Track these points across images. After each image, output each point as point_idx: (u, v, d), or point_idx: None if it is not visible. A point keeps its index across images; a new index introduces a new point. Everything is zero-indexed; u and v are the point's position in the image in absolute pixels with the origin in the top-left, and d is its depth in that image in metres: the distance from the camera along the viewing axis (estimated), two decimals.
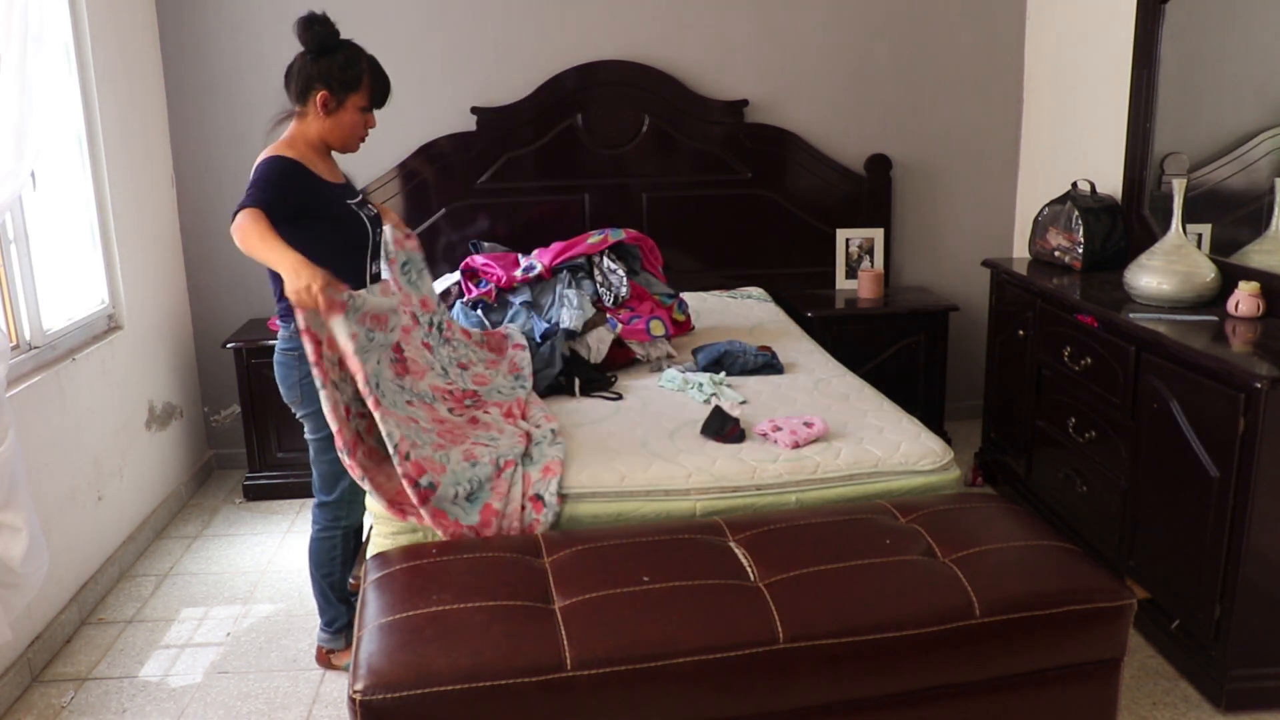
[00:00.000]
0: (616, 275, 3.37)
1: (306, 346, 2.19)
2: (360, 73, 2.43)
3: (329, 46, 2.42)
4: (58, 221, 3.16)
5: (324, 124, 2.44)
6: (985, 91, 4.28)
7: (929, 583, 1.92)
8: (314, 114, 2.43)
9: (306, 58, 2.42)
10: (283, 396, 2.56)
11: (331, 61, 2.41)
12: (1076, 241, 3.40)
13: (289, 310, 2.38)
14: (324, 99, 2.41)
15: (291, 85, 2.45)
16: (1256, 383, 2.25)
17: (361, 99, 2.45)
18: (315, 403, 2.43)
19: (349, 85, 2.42)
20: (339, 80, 2.41)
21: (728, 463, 2.38)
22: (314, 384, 2.32)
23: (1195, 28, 3.18)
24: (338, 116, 2.44)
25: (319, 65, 2.40)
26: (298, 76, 2.43)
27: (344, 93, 2.42)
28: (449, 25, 3.98)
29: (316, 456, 2.56)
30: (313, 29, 2.39)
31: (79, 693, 2.65)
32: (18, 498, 2.37)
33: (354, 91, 2.43)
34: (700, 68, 4.12)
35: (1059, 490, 3.22)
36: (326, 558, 2.62)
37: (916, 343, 4.04)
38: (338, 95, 2.42)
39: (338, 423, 2.21)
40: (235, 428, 4.05)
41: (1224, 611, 2.41)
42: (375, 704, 1.66)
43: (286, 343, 2.48)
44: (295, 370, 2.46)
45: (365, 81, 2.45)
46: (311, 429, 2.53)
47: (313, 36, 2.39)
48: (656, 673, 1.74)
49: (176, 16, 3.85)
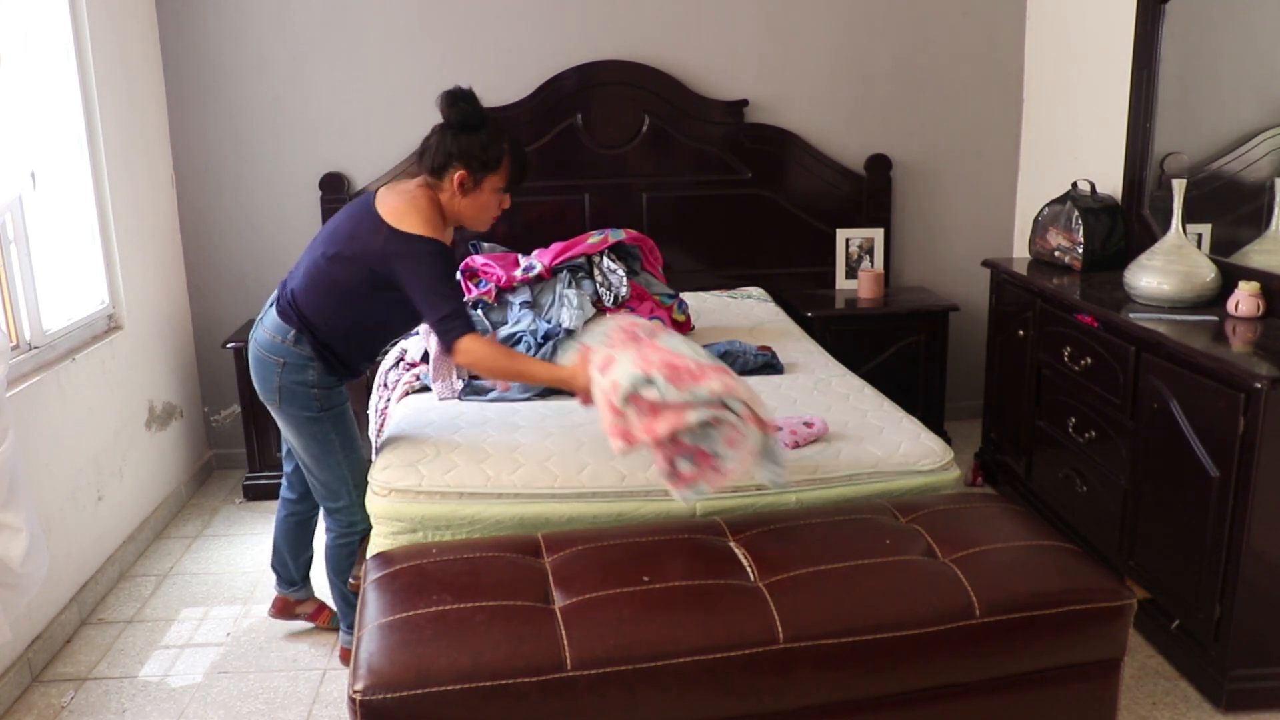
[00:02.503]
0: (616, 275, 3.37)
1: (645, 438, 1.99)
2: (501, 154, 2.34)
3: (472, 125, 2.33)
4: (58, 221, 3.16)
5: (459, 202, 2.36)
6: (985, 91, 4.28)
7: (929, 583, 1.92)
8: (449, 190, 2.36)
9: (447, 132, 2.34)
10: (259, 394, 2.52)
11: (473, 140, 2.32)
12: (1076, 241, 3.40)
13: (304, 329, 2.40)
14: (461, 179, 2.33)
15: (427, 158, 2.36)
16: (1256, 383, 2.25)
17: (500, 180, 2.37)
18: (295, 406, 2.44)
19: (488, 166, 2.34)
20: (479, 160, 2.32)
21: None
22: (296, 391, 2.37)
23: (1195, 28, 3.18)
24: (474, 197, 2.36)
25: (459, 143, 2.32)
26: (435, 151, 2.34)
27: (483, 173, 2.34)
28: (449, 25, 3.98)
29: (313, 466, 2.52)
30: (457, 105, 2.32)
31: (79, 693, 2.65)
32: (18, 498, 2.37)
33: (493, 172, 2.35)
34: (700, 68, 4.12)
35: (1059, 490, 3.22)
36: (346, 563, 2.60)
37: (916, 343, 4.03)
38: (476, 176, 2.34)
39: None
40: (235, 428, 4.05)
41: (1224, 611, 2.41)
42: (375, 704, 1.66)
43: (274, 349, 2.43)
44: (276, 375, 2.44)
45: (505, 163, 2.36)
46: (300, 439, 2.50)
47: (457, 113, 2.32)
48: (656, 673, 1.74)
49: (176, 16, 3.85)
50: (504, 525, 2.28)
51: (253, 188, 4.02)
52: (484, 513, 2.29)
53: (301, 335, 2.40)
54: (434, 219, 2.33)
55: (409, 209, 2.31)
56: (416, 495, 2.30)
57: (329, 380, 2.46)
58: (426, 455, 2.42)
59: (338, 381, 2.50)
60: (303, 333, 2.40)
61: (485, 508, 2.29)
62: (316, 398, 2.44)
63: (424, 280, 2.27)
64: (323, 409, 2.46)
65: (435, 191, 2.38)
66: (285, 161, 4.01)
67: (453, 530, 2.29)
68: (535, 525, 2.28)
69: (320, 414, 2.46)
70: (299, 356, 2.42)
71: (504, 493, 2.31)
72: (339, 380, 2.50)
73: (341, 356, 2.46)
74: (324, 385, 2.45)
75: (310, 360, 2.42)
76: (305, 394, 2.43)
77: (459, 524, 2.29)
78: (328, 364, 2.44)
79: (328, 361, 2.44)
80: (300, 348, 2.41)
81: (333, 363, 2.45)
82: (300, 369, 2.42)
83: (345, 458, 2.51)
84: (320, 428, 2.47)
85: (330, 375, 2.46)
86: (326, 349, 2.43)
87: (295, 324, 2.41)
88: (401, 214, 2.30)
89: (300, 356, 2.42)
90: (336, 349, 2.44)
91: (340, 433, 2.50)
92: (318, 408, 2.45)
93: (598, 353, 2.04)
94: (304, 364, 2.42)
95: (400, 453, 2.44)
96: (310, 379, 2.43)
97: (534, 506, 2.30)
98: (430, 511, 2.29)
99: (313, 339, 2.41)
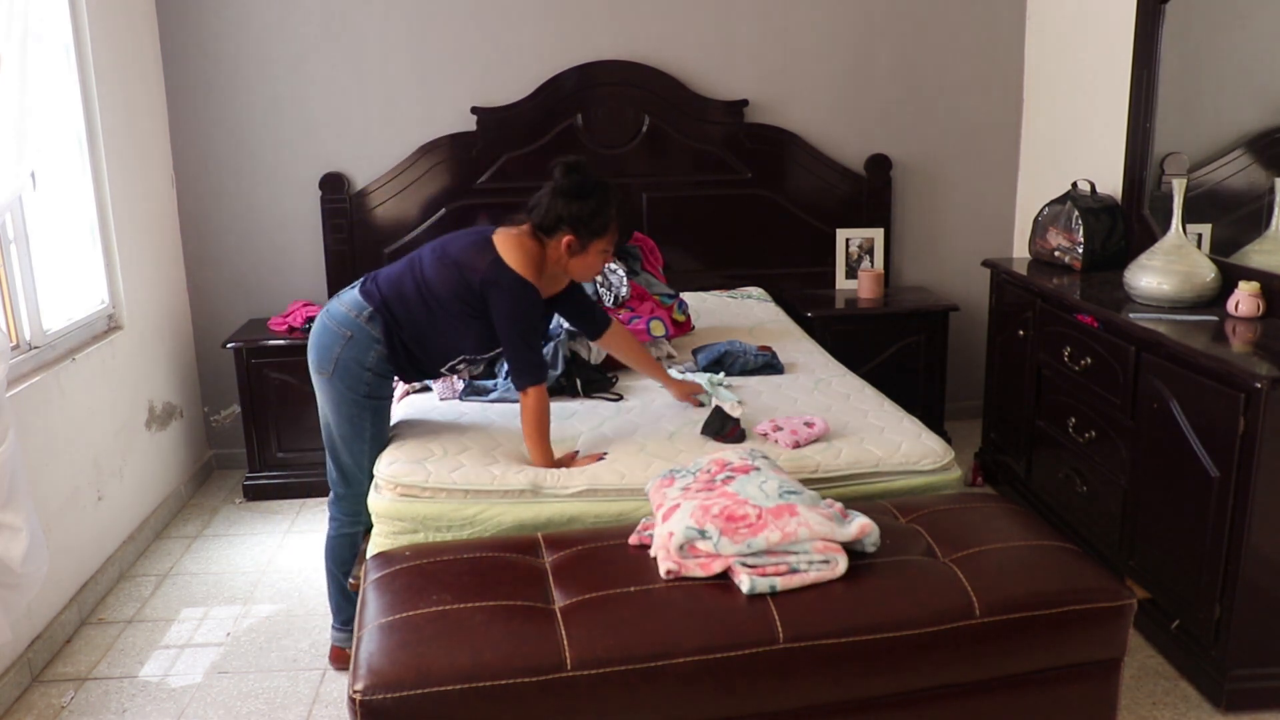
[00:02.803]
0: (616, 275, 3.37)
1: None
2: (608, 220, 2.46)
3: (584, 193, 2.43)
4: (58, 221, 3.16)
5: (568, 262, 2.47)
6: (985, 91, 4.28)
7: (929, 583, 1.92)
8: (556, 250, 2.45)
9: (558, 196, 2.43)
10: (312, 364, 2.53)
11: (583, 206, 2.42)
12: (1076, 241, 3.40)
13: (381, 309, 2.46)
14: (569, 244, 2.44)
15: (537, 214, 2.46)
16: (1256, 383, 2.25)
17: (606, 244, 2.49)
18: (345, 382, 2.46)
19: (595, 232, 2.45)
20: (587, 227, 2.43)
21: None
22: (351, 368, 2.42)
23: (1195, 28, 3.18)
24: (581, 258, 2.47)
25: (570, 208, 2.42)
26: (546, 212, 2.44)
27: (590, 239, 2.45)
28: (449, 25, 3.98)
29: (340, 447, 2.53)
30: (572, 175, 2.43)
31: (79, 693, 2.65)
32: (18, 498, 2.37)
33: (600, 238, 2.46)
34: (700, 68, 4.12)
35: (1059, 490, 3.22)
36: (348, 554, 2.62)
37: (916, 343, 4.04)
38: (583, 240, 2.44)
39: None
40: (235, 428, 4.05)
41: (1224, 611, 2.41)
42: (375, 704, 1.66)
43: (346, 322, 2.47)
44: (340, 346, 2.47)
45: (611, 229, 2.48)
46: (337, 416, 2.51)
47: (571, 183, 2.43)
48: (656, 673, 1.74)
49: (176, 16, 3.85)
50: (504, 525, 2.28)
51: (253, 188, 4.02)
52: (484, 513, 2.29)
53: (376, 315, 2.46)
54: (536, 266, 2.44)
55: (518, 249, 2.43)
56: (422, 492, 2.30)
57: (385, 368, 2.50)
58: (434, 453, 2.42)
59: (392, 373, 2.54)
60: (379, 312, 2.46)
61: (486, 507, 2.29)
62: (368, 381, 2.48)
63: (512, 316, 2.40)
64: (370, 395, 2.49)
65: (542, 245, 2.47)
66: (285, 161, 4.01)
67: (453, 530, 2.29)
68: (535, 525, 2.28)
69: (365, 399, 2.49)
70: (367, 335, 2.46)
71: (509, 490, 2.31)
72: (393, 373, 2.54)
73: (408, 345, 2.50)
74: (379, 372, 2.49)
75: (376, 341, 2.47)
76: (360, 374, 2.47)
77: (459, 524, 2.29)
78: (393, 350, 2.48)
79: (393, 348, 2.48)
80: (372, 326, 2.46)
81: (398, 350, 2.49)
82: (364, 347, 2.46)
83: (370, 449, 2.52)
84: (359, 410, 2.50)
85: (389, 364, 2.50)
86: (396, 335, 2.47)
87: (376, 303, 2.47)
88: (510, 250, 2.42)
89: (368, 335, 2.46)
90: (405, 339, 2.49)
91: (375, 424, 2.53)
92: (365, 392, 2.49)
93: (669, 496, 2.06)
94: (369, 343, 2.46)
95: (407, 450, 2.44)
96: (369, 361, 2.47)
97: (534, 506, 2.30)
98: (431, 511, 2.29)
99: (386, 321, 2.46)
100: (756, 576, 1.86)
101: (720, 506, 1.94)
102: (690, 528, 1.91)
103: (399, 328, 2.47)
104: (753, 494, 1.98)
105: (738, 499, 1.96)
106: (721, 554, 1.89)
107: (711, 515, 1.92)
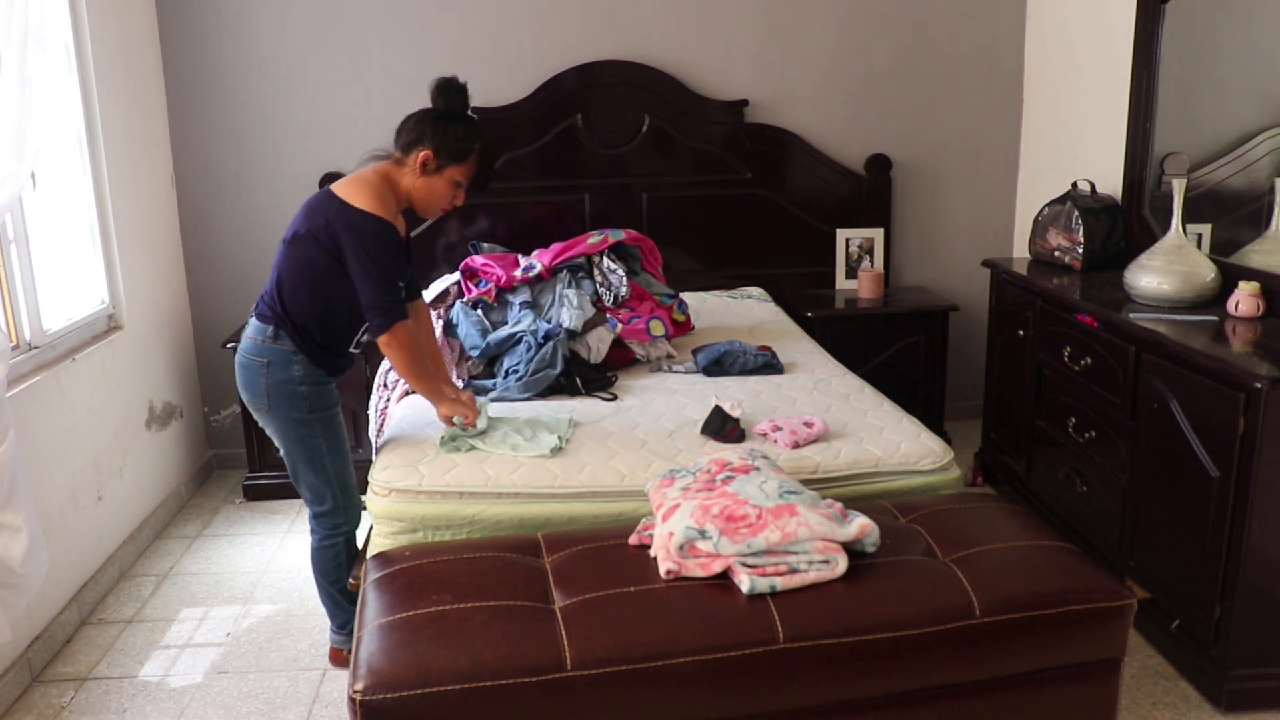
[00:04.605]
0: (616, 275, 3.37)
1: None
2: (471, 149, 2.44)
3: (454, 115, 2.42)
4: (58, 221, 3.16)
5: (415, 182, 2.44)
6: (985, 91, 4.28)
7: (929, 583, 1.92)
8: (410, 169, 2.43)
9: (427, 116, 2.42)
10: (248, 403, 2.51)
11: (449, 126, 2.41)
12: (1076, 241, 3.40)
13: (281, 321, 2.41)
14: (425, 159, 2.41)
15: (401, 135, 2.44)
16: (1256, 383, 2.25)
17: (460, 174, 2.45)
18: (284, 409, 2.44)
19: (455, 156, 2.42)
20: (448, 149, 2.41)
21: None
22: (283, 391, 2.37)
23: (1195, 28, 3.18)
24: (430, 180, 2.44)
25: (435, 126, 2.40)
26: (411, 129, 2.43)
27: (448, 161, 2.42)
28: (449, 25, 3.98)
29: (300, 470, 2.52)
30: (447, 94, 2.41)
31: (79, 693, 2.65)
32: (18, 498, 2.37)
33: (457, 164, 2.44)
34: (700, 68, 4.12)
35: (1059, 490, 3.22)
36: (332, 565, 2.60)
37: (916, 343, 4.03)
38: (440, 160, 2.42)
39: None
40: (235, 428, 4.05)
41: (1224, 611, 2.41)
42: (375, 704, 1.67)
43: (257, 350, 2.44)
44: (262, 377, 2.44)
45: (472, 159, 2.45)
46: (287, 442, 2.50)
47: (445, 100, 2.41)
48: (656, 673, 1.74)
49: (176, 16, 3.85)
50: (504, 525, 2.29)
51: (253, 188, 4.02)
52: (484, 513, 2.29)
53: (280, 329, 2.42)
54: (384, 197, 2.40)
55: (360, 186, 2.39)
56: (417, 495, 2.30)
57: (316, 374, 2.46)
58: (427, 455, 2.42)
59: (325, 376, 2.50)
60: (281, 326, 2.42)
61: (485, 508, 2.30)
62: (305, 396, 2.45)
63: (365, 257, 2.34)
64: (311, 410, 2.46)
65: (396, 174, 2.44)
66: (285, 161, 4.01)
67: (453, 530, 2.29)
68: (535, 525, 2.28)
69: (309, 415, 2.46)
70: (281, 353, 2.42)
71: (504, 492, 2.31)
72: (326, 375, 2.50)
73: (321, 342, 2.46)
74: (311, 381, 2.45)
75: (293, 354, 2.43)
76: (293, 393, 2.44)
77: (459, 524, 2.29)
78: (310, 353, 2.44)
79: (310, 350, 2.44)
80: (281, 343, 2.42)
81: (314, 350, 2.45)
82: (284, 365, 2.43)
83: (331, 461, 2.51)
84: (308, 430, 2.47)
85: (316, 367, 2.46)
86: (305, 335, 2.43)
87: (273, 320, 2.42)
88: (354, 191, 2.38)
89: (282, 352, 2.42)
90: (314, 334, 2.44)
91: (328, 437, 2.50)
92: (306, 408, 2.45)
93: (669, 496, 2.05)
94: (287, 359, 2.43)
95: (400, 453, 2.44)
96: (296, 374, 2.43)
97: (534, 506, 2.30)
98: (430, 511, 2.29)
99: (291, 328, 2.42)
100: (756, 576, 1.87)
101: (720, 506, 1.94)
102: (690, 528, 1.91)
103: (306, 327, 2.43)
104: (753, 494, 1.98)
105: (738, 499, 1.96)
106: (721, 554, 1.90)
107: (711, 515, 1.92)
